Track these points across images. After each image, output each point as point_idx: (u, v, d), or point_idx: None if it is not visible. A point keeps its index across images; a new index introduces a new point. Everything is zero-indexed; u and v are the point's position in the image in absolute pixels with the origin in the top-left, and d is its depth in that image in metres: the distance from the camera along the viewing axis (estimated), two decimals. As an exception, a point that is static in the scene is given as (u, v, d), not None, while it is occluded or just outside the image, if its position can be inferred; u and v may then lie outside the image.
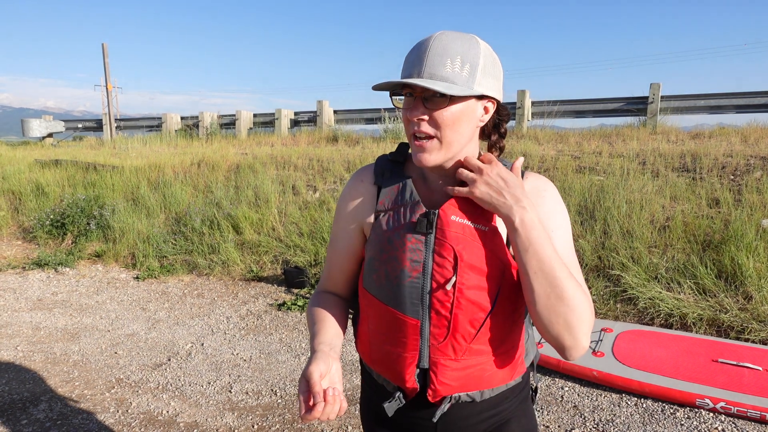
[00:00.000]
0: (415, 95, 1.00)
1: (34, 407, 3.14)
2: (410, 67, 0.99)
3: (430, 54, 0.97)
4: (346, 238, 1.19)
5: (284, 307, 4.73)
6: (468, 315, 1.03)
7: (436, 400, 1.10)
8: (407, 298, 1.06)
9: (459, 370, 1.07)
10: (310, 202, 6.43)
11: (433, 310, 1.05)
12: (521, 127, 9.88)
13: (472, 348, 1.06)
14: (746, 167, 5.44)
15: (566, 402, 3.07)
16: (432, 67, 0.96)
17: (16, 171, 8.81)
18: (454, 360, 1.06)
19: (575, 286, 0.98)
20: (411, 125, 1.02)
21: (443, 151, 1.03)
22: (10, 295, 5.29)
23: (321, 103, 12.26)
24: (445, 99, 0.98)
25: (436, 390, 1.08)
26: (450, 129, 1.00)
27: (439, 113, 0.99)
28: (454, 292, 1.02)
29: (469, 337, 1.05)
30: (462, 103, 1.00)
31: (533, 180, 1.10)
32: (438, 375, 1.07)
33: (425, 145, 1.02)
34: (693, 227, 4.46)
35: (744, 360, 3.13)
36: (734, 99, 8.91)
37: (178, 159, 8.63)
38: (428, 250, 1.04)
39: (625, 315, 3.98)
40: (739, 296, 3.81)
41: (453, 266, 1.02)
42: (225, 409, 3.12)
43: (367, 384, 1.27)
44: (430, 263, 1.04)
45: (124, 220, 6.71)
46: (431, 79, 0.96)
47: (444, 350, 1.06)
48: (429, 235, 1.04)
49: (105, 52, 18.55)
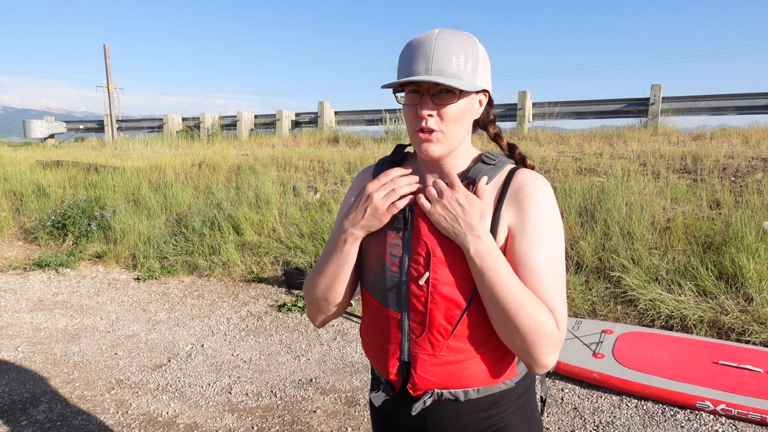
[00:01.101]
0: (423, 91, 1.02)
1: (34, 408, 3.14)
2: (415, 64, 1.00)
3: (436, 51, 0.99)
4: None
5: (284, 309, 4.73)
6: (443, 311, 1.06)
7: (417, 394, 1.13)
8: (389, 292, 1.11)
9: (437, 366, 1.09)
10: (310, 203, 6.43)
11: (411, 305, 1.08)
12: (522, 129, 9.88)
13: (450, 344, 1.08)
14: (747, 169, 5.43)
15: (566, 404, 3.07)
16: (439, 63, 0.99)
17: (17, 172, 8.83)
18: (432, 355, 1.09)
19: (532, 311, 0.98)
20: (417, 121, 1.03)
21: (447, 143, 1.05)
22: (11, 295, 5.30)
23: (322, 104, 12.27)
24: (452, 95, 1.01)
25: (415, 383, 1.11)
26: (455, 123, 1.04)
27: (447, 108, 1.02)
28: (428, 288, 1.05)
29: (446, 333, 1.07)
30: (466, 98, 1.04)
31: (525, 178, 1.07)
32: (417, 369, 1.10)
33: (431, 138, 1.04)
34: (694, 229, 4.45)
35: (745, 362, 3.12)
36: (735, 100, 8.91)
37: (179, 160, 8.64)
38: (405, 246, 1.08)
39: (625, 317, 3.97)
40: (739, 298, 3.80)
41: (426, 261, 1.05)
42: (225, 411, 3.11)
43: (372, 379, 1.32)
44: (407, 259, 1.08)
45: (125, 221, 6.72)
46: (441, 76, 0.98)
47: (422, 344, 1.09)
48: (406, 232, 1.08)
49: (107, 53, 18.58)
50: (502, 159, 1.13)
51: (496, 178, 1.09)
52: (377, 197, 1.06)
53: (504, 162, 1.12)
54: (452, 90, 1.00)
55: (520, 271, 1.02)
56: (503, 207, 1.05)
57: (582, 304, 4.14)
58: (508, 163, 1.13)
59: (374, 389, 1.24)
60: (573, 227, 4.84)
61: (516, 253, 1.03)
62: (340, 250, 1.11)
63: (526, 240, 1.03)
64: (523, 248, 1.03)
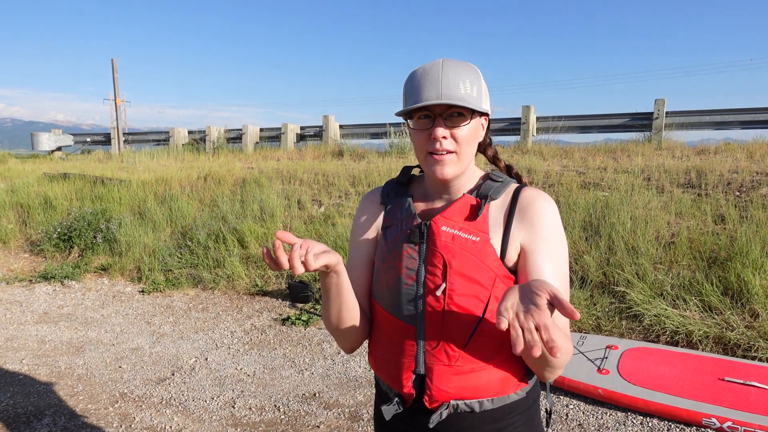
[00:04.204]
0: (435, 116, 1.08)
1: (38, 421, 3.14)
2: (426, 90, 1.06)
3: (444, 78, 1.05)
4: (360, 255, 1.27)
5: (288, 322, 4.73)
6: (459, 321, 1.09)
7: (433, 407, 1.13)
8: (403, 305, 1.13)
9: (454, 376, 1.11)
10: (315, 216, 6.45)
11: (427, 316, 1.11)
12: (526, 143, 9.91)
13: (466, 355, 1.10)
14: (752, 183, 5.43)
15: (571, 420, 3.05)
16: (449, 89, 1.05)
17: (24, 184, 8.91)
18: (448, 366, 1.10)
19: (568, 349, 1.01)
20: (431, 143, 1.08)
21: (459, 165, 1.11)
22: (17, 308, 5.32)
23: (327, 117, 12.35)
24: (464, 118, 1.08)
25: (432, 395, 1.12)
26: (467, 144, 1.10)
27: (461, 130, 1.08)
28: (445, 299, 1.08)
29: (461, 343, 1.09)
30: (474, 120, 1.10)
31: (532, 195, 1.14)
32: (434, 381, 1.11)
33: (444, 159, 1.09)
34: (698, 244, 4.44)
35: (751, 378, 3.10)
36: (740, 115, 8.91)
37: (185, 173, 8.70)
38: (421, 259, 1.12)
39: (630, 332, 3.95)
40: (745, 314, 3.78)
41: (443, 273, 1.09)
42: (228, 425, 3.11)
43: (377, 394, 1.32)
44: (423, 271, 1.11)
45: (131, 233, 6.75)
46: (450, 101, 1.04)
47: (438, 356, 1.11)
48: (422, 245, 1.12)
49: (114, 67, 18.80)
50: (507, 177, 1.20)
51: (504, 194, 1.15)
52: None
53: (509, 180, 1.19)
54: (463, 113, 1.07)
55: None
56: (513, 225, 1.11)
57: (587, 319, 4.13)
58: (512, 181, 1.20)
59: (383, 403, 1.24)
60: (577, 242, 4.84)
61: (532, 270, 1.08)
62: (321, 281, 1.13)
63: (541, 257, 1.09)
64: (540, 265, 1.08)
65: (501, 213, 1.13)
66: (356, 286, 1.26)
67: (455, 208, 1.13)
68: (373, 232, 1.26)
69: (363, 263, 1.26)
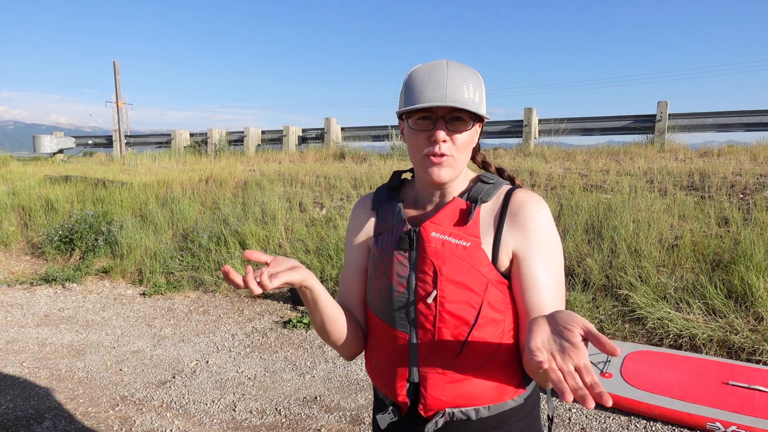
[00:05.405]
0: (437, 118, 1.05)
1: (38, 425, 3.13)
2: (430, 91, 1.03)
3: (449, 81, 1.03)
4: (354, 263, 1.25)
5: (290, 325, 4.72)
6: (451, 328, 1.07)
7: (428, 415, 1.12)
8: (396, 313, 1.12)
9: (448, 384, 1.09)
10: (316, 219, 6.44)
11: (419, 324, 1.09)
12: (528, 145, 9.90)
13: (460, 362, 1.08)
14: (756, 186, 5.41)
15: (574, 424, 3.02)
16: (454, 92, 1.03)
17: (26, 187, 8.91)
18: (442, 374, 1.09)
19: None
20: (429, 146, 1.06)
21: (456, 168, 1.08)
22: (18, 310, 5.31)
23: (329, 120, 12.35)
24: (464, 122, 1.05)
25: (426, 404, 1.11)
26: (464, 150, 1.09)
27: (460, 135, 1.06)
28: (436, 306, 1.07)
29: (455, 350, 1.08)
30: (474, 125, 1.09)
31: (523, 198, 1.10)
32: (428, 389, 1.10)
33: (442, 162, 1.06)
34: (702, 246, 4.42)
35: (755, 382, 3.07)
36: (743, 117, 8.88)
37: (187, 175, 8.69)
38: (411, 266, 1.10)
39: (633, 335, 3.93)
40: (749, 317, 3.75)
41: (433, 280, 1.07)
42: (229, 428, 3.09)
43: (375, 402, 1.31)
44: (414, 278, 1.10)
45: (132, 236, 6.74)
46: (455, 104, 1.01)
47: (432, 364, 1.09)
48: (411, 252, 1.10)
49: (116, 69, 18.83)
50: (499, 179, 1.17)
51: (495, 197, 1.13)
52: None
53: (500, 182, 1.16)
54: (464, 118, 1.05)
55: (531, 292, 1.05)
56: (504, 229, 1.08)
57: (589, 322, 4.10)
58: (504, 183, 1.17)
59: (379, 411, 1.23)
60: (580, 244, 4.81)
61: (526, 276, 1.06)
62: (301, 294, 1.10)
63: (535, 263, 1.06)
64: (534, 271, 1.06)
65: (492, 216, 1.10)
66: (351, 294, 1.26)
67: (445, 212, 1.11)
68: (365, 239, 1.24)
69: (357, 271, 1.25)
